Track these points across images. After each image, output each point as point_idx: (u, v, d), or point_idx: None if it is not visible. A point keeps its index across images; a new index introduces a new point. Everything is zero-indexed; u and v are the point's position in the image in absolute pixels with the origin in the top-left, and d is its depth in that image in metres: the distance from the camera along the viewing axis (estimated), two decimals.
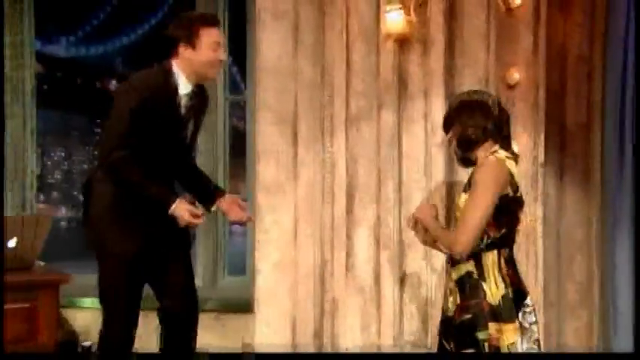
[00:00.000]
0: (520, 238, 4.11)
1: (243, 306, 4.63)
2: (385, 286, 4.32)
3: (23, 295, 3.75)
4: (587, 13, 4.22)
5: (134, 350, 3.79)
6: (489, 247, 2.96)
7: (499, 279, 2.94)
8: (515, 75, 4.18)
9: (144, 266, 3.62)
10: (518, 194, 3.01)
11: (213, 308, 4.68)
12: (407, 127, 4.35)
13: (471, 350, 2.92)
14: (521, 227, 4.08)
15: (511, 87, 4.20)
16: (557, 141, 4.27)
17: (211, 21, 3.61)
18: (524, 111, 4.19)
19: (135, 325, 3.68)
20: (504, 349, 2.90)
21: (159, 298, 3.74)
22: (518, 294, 2.96)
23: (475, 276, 2.94)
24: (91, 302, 4.84)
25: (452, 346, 3.01)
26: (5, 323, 3.60)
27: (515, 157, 3.04)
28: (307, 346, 4.38)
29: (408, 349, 4.29)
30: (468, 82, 4.22)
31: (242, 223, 3.76)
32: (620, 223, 4.06)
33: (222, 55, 3.61)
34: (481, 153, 3.03)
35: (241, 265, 4.99)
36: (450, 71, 4.25)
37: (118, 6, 6.36)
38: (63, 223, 6.74)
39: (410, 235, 4.30)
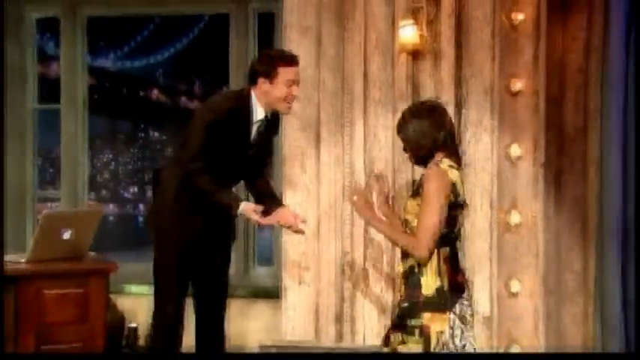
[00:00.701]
0: (522, 232, 4.27)
1: (272, 293, 4.73)
2: (400, 276, 4.42)
3: (76, 281, 3.76)
4: (583, 28, 4.25)
5: None
6: None
7: (435, 274, 3.03)
8: (518, 84, 4.22)
9: (194, 256, 3.76)
10: (460, 199, 3.10)
11: (244, 295, 4.80)
12: None
13: (402, 333, 3.05)
14: (526, 221, 4.23)
15: (514, 95, 4.25)
16: (556, 144, 4.32)
17: (290, 60, 3.69)
18: (525, 117, 4.23)
19: (184, 307, 3.79)
20: (433, 336, 3.01)
21: (196, 285, 3.87)
22: (455, 288, 3.06)
23: (416, 270, 3.05)
24: (136, 289, 5.02)
25: (389, 331, 3.13)
26: (60, 307, 3.74)
27: (458, 167, 3.12)
28: (329, 329, 4.46)
29: None
30: (475, 91, 4.29)
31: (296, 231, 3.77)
32: (614, 217, 4.10)
33: (296, 91, 3.69)
34: (429, 161, 3.11)
35: (270, 257, 5.09)
36: (459, 81, 4.29)
37: (159, 25, 6.50)
38: (111, 218, 6.86)
39: None
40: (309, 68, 4.53)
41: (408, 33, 4.30)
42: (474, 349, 3.11)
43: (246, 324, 4.75)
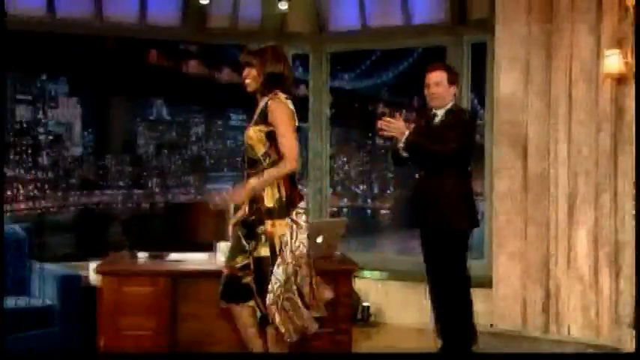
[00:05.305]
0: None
1: (484, 283, 4.52)
2: (602, 277, 4.06)
3: (330, 276, 3.61)
4: None
5: None
6: (270, 166, 3.05)
7: (275, 189, 3.05)
8: None
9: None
10: (297, 124, 3.11)
11: None
12: (622, 149, 4.02)
13: (254, 241, 3.05)
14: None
15: None
16: None
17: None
18: None
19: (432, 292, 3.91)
20: (277, 239, 3.02)
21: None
22: (290, 200, 3.05)
23: None
24: (368, 273, 5.08)
25: (244, 239, 3.11)
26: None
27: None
28: (536, 320, 4.25)
29: (625, 329, 3.98)
30: None
31: None
32: None
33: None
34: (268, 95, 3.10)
35: (480, 252, 4.91)
36: None
37: (383, 53, 6.54)
38: (345, 210, 7.00)
39: (624, 237, 4.03)
40: (518, 93, 4.31)
41: (614, 61, 3.91)
42: (306, 248, 3.08)
43: None
